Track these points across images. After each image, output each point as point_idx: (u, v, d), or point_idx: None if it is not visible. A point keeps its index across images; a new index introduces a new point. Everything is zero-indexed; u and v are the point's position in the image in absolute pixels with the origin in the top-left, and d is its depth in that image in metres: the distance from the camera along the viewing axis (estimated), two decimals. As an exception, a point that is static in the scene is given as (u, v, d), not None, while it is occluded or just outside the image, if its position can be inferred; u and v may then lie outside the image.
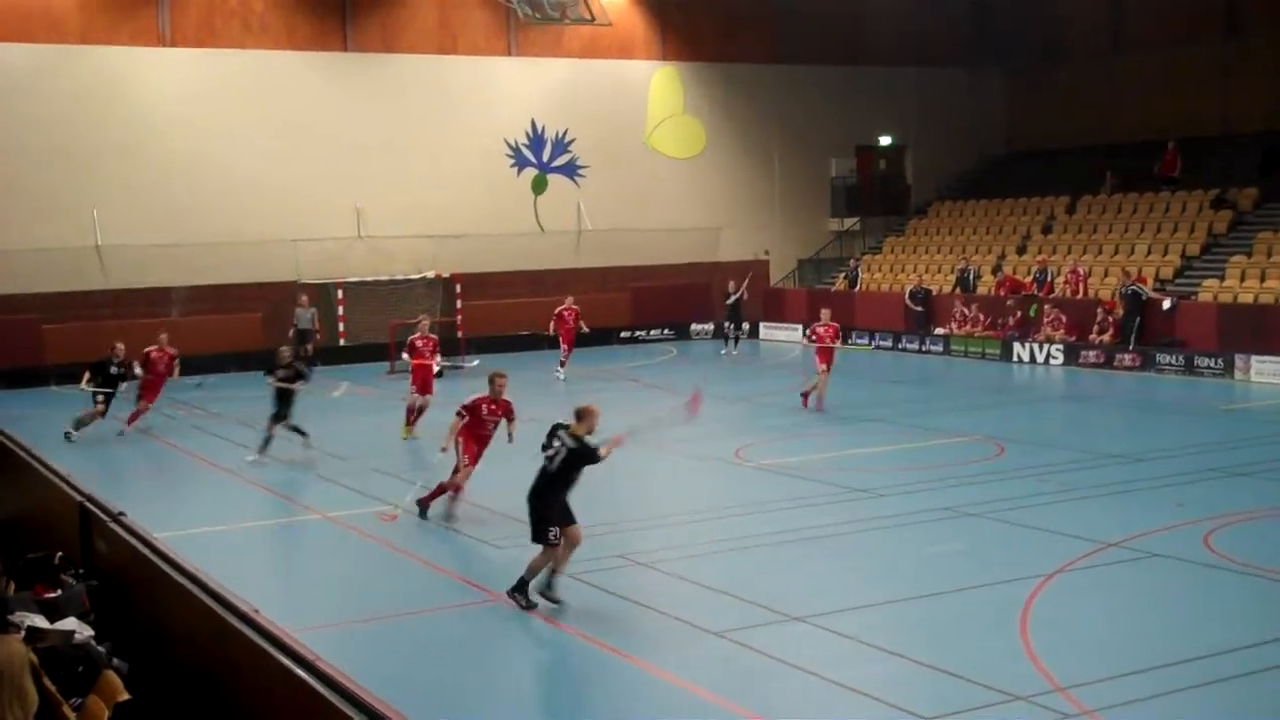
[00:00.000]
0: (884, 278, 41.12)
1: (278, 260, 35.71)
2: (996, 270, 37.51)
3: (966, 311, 35.29)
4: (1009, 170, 44.03)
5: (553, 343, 32.94)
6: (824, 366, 25.14)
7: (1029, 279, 35.37)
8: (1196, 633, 11.55)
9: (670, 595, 13.28)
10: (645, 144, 41.32)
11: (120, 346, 24.25)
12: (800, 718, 9.99)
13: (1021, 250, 38.33)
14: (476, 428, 15.92)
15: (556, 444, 12.66)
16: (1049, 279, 34.80)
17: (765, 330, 40.57)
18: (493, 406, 15.86)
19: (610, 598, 13.20)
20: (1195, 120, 38.23)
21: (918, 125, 45.14)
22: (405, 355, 23.94)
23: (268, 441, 20.89)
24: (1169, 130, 37.58)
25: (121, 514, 9.02)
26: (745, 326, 38.27)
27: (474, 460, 16.12)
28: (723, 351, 36.91)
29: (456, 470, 16.26)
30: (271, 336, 35.20)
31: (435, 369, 23.36)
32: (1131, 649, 11.14)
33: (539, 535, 12.68)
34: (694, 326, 41.19)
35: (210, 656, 6.96)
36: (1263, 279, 30.79)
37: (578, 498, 12.81)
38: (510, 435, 15.87)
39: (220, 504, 18.41)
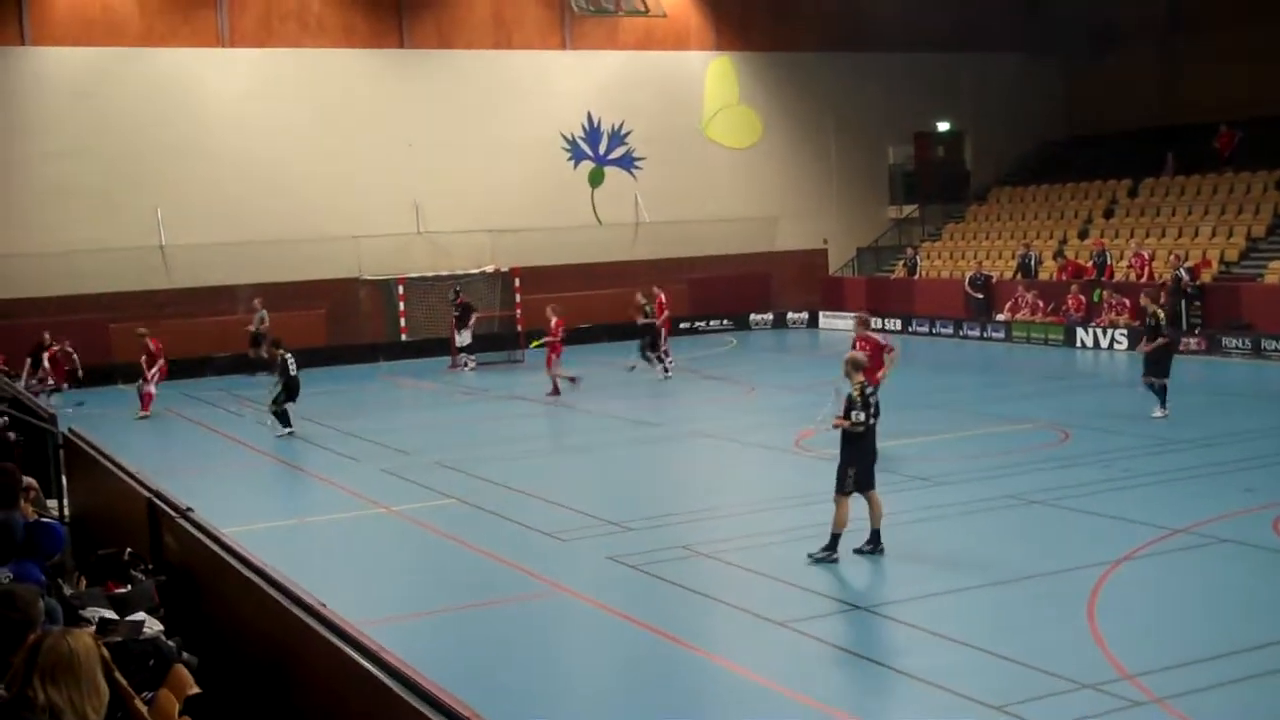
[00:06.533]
0: (944, 265, 40.82)
1: (339, 256, 35.96)
2: (1058, 255, 37.11)
3: (1027, 297, 34.96)
4: (1068, 154, 43.54)
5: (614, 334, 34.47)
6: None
7: (1089, 263, 34.97)
8: (1264, 620, 11.38)
9: (733, 586, 13.27)
10: (701, 134, 41.24)
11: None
12: (868, 707, 9.95)
13: (1083, 235, 37.90)
14: None
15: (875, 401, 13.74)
16: (1109, 263, 34.39)
17: (824, 319, 40.36)
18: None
19: (673, 589, 13.21)
20: (1257, 100, 37.61)
21: (975, 111, 44.72)
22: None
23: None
24: (1230, 111, 37.00)
25: (189, 509, 9.12)
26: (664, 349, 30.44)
27: None
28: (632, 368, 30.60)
29: None
30: (335, 333, 35.58)
31: None
32: (1199, 636, 11.00)
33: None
34: (753, 316, 41.06)
35: (278, 650, 7.02)
36: (1331, 260, 30.31)
37: (629, 488, 12.78)
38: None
39: (286, 499, 18.59)
